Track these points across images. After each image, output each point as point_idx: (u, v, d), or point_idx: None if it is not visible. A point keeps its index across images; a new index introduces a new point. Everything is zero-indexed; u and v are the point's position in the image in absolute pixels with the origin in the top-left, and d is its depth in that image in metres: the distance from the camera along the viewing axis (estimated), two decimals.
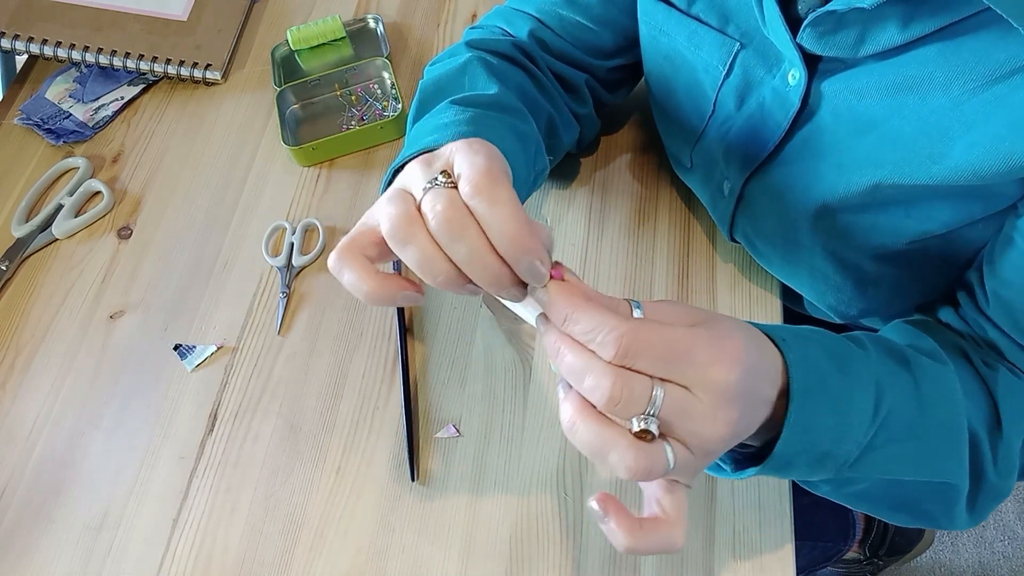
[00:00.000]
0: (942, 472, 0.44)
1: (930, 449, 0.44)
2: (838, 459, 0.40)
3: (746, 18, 0.51)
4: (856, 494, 0.46)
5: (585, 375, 0.34)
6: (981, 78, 0.40)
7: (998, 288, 0.48)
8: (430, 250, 0.36)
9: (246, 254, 0.73)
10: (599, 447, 0.34)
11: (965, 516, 0.47)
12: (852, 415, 0.40)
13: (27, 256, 0.76)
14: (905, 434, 0.42)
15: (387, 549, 0.57)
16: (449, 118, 0.49)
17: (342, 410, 0.63)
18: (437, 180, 0.36)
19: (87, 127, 0.83)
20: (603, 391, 0.33)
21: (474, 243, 0.35)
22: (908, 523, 0.49)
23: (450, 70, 0.57)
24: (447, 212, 0.35)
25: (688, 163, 0.64)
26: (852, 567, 1.21)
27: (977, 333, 0.51)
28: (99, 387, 0.67)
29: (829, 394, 0.39)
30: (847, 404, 0.40)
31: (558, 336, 0.35)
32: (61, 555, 0.60)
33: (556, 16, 0.62)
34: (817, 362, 0.39)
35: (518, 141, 0.52)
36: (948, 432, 0.44)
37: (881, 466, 0.42)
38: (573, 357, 0.34)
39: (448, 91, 0.55)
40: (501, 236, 0.35)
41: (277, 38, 0.87)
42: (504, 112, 0.53)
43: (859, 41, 0.43)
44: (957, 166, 0.42)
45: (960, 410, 0.45)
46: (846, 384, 0.40)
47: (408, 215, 0.36)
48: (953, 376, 0.46)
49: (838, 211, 0.50)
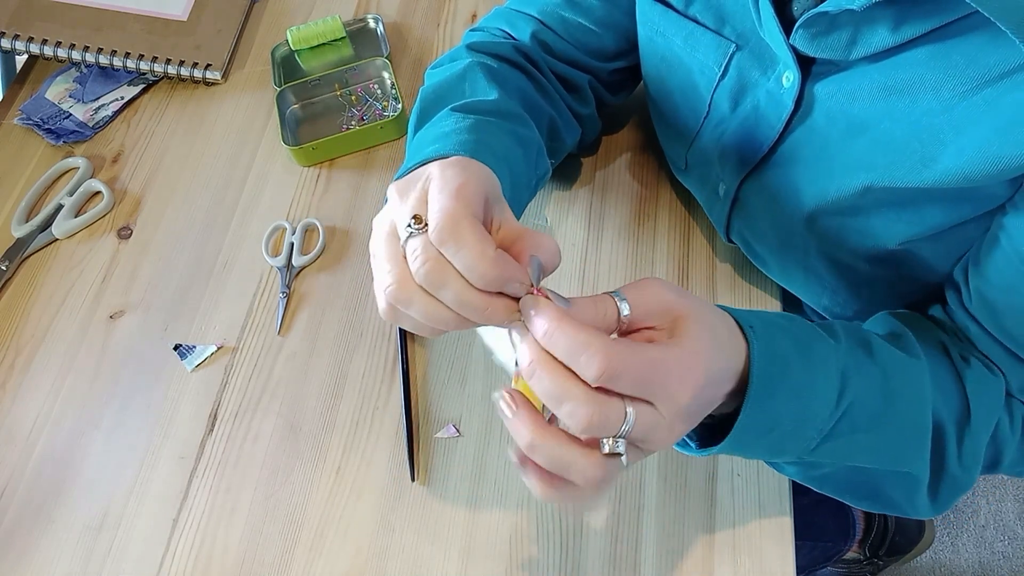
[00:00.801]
0: (901, 462, 0.46)
1: (891, 440, 0.45)
2: (798, 444, 0.42)
3: (742, 19, 0.52)
4: (820, 477, 0.47)
5: (563, 401, 0.35)
6: (971, 81, 0.40)
7: (981, 286, 0.48)
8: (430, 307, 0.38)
9: (246, 254, 0.73)
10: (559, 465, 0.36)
11: (927, 504, 0.49)
12: (813, 404, 0.41)
13: (27, 256, 0.76)
14: (867, 424, 0.44)
15: (387, 549, 0.57)
16: (450, 126, 0.49)
17: (342, 410, 0.63)
18: (411, 228, 0.38)
19: (87, 127, 0.83)
20: (580, 419, 0.34)
21: (456, 288, 0.37)
22: (872, 509, 0.51)
23: (450, 76, 0.57)
24: (426, 264, 0.37)
25: (684, 164, 0.64)
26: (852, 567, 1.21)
27: (959, 329, 0.52)
28: (99, 387, 0.67)
29: (790, 383, 0.40)
30: (808, 393, 0.41)
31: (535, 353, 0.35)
32: (61, 555, 0.60)
33: (558, 18, 0.62)
34: (782, 351, 0.41)
35: (519, 146, 0.53)
36: (911, 424, 0.46)
37: (842, 453, 0.44)
38: (551, 381, 0.35)
39: (448, 98, 0.55)
40: (475, 277, 0.36)
41: (277, 38, 0.87)
42: (504, 118, 0.53)
43: (851, 43, 0.43)
44: (947, 169, 0.42)
45: (925, 404, 0.46)
46: (809, 373, 0.41)
47: (401, 278, 0.39)
48: (924, 370, 0.47)
49: (831, 213, 0.51)
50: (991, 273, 0.47)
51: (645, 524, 0.56)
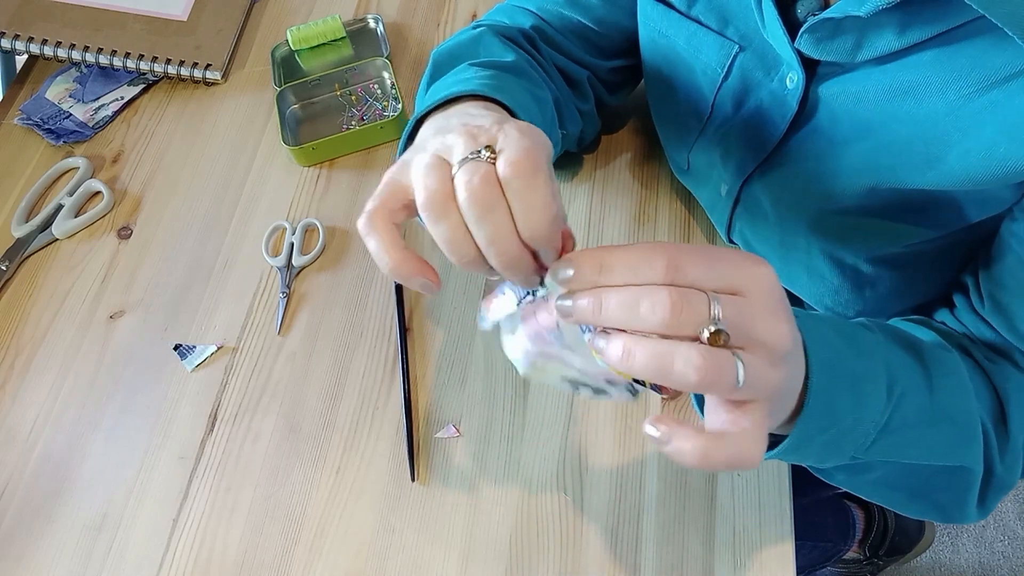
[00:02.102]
0: (958, 456, 0.44)
1: (945, 433, 0.43)
2: (856, 440, 0.40)
3: (745, 21, 0.51)
4: (871, 482, 0.45)
5: (639, 301, 0.31)
6: (977, 84, 0.40)
7: (994, 291, 0.48)
8: (460, 232, 0.35)
9: (246, 254, 0.73)
10: (661, 358, 0.31)
11: (975, 507, 0.47)
12: (869, 394, 0.39)
13: (27, 256, 0.76)
14: (918, 418, 0.42)
15: (387, 549, 0.57)
16: (470, 74, 0.48)
17: (342, 410, 0.63)
18: (480, 153, 0.35)
19: (87, 127, 0.83)
20: (663, 305, 0.31)
21: (499, 226, 0.34)
22: (920, 514, 0.49)
23: (464, 39, 0.56)
24: (479, 190, 0.34)
25: (686, 165, 0.64)
26: (852, 567, 1.21)
27: (974, 334, 0.52)
28: (99, 387, 0.67)
29: (846, 371, 0.38)
30: (863, 382, 0.39)
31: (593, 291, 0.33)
32: (61, 555, 0.60)
33: (558, 16, 0.62)
34: (832, 340, 0.39)
35: (536, 104, 0.51)
36: (961, 416, 0.44)
37: (897, 449, 0.42)
38: (619, 295, 0.32)
39: (463, 57, 0.54)
40: (528, 224, 0.34)
41: (277, 38, 0.87)
42: (523, 77, 0.52)
43: (856, 47, 0.43)
44: (953, 171, 0.42)
45: (970, 395, 0.45)
46: (861, 363, 0.39)
47: (444, 192, 0.35)
48: (960, 363, 0.46)
49: (835, 214, 0.50)
50: (1004, 277, 0.47)
51: (645, 524, 0.56)
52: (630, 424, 0.60)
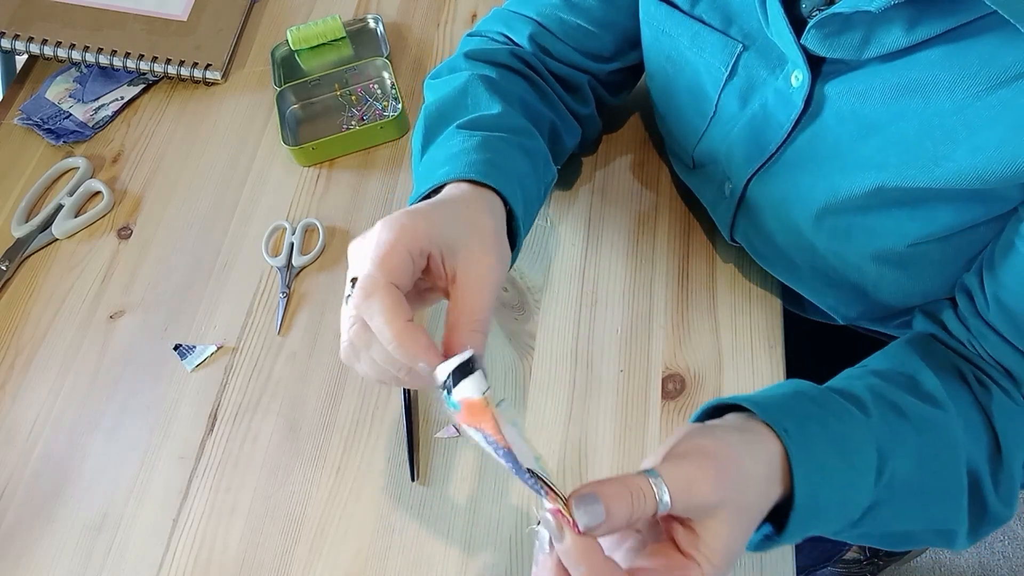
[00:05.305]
0: (940, 520, 0.47)
1: (929, 501, 0.46)
2: (841, 523, 0.43)
3: (749, 19, 0.51)
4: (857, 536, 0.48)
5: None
6: (986, 82, 0.40)
7: (999, 292, 0.48)
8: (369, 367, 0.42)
9: (246, 254, 0.73)
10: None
11: (965, 542, 0.49)
12: (855, 494, 0.42)
13: (27, 256, 0.76)
14: (906, 491, 0.44)
15: (387, 549, 0.57)
16: (458, 146, 0.50)
17: (342, 410, 0.63)
18: (348, 291, 0.40)
19: (87, 127, 0.83)
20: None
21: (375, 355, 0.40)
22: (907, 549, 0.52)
23: (451, 92, 0.58)
24: (351, 329, 0.41)
25: (690, 163, 0.64)
26: (852, 567, 1.21)
27: (976, 338, 0.51)
28: (99, 387, 0.67)
29: (833, 482, 0.41)
30: (850, 488, 0.42)
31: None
32: (61, 555, 0.60)
33: (556, 19, 0.62)
34: (819, 451, 0.41)
35: (527, 160, 0.54)
36: (947, 482, 0.46)
37: (883, 522, 0.45)
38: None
39: (452, 114, 0.56)
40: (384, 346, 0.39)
41: (277, 38, 0.87)
42: (510, 132, 0.54)
43: (864, 43, 0.43)
44: (960, 170, 0.42)
45: (960, 458, 0.46)
46: (850, 470, 0.42)
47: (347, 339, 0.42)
48: (953, 421, 0.47)
49: (840, 213, 0.50)
50: (1008, 279, 0.47)
51: None
52: (630, 424, 0.60)
